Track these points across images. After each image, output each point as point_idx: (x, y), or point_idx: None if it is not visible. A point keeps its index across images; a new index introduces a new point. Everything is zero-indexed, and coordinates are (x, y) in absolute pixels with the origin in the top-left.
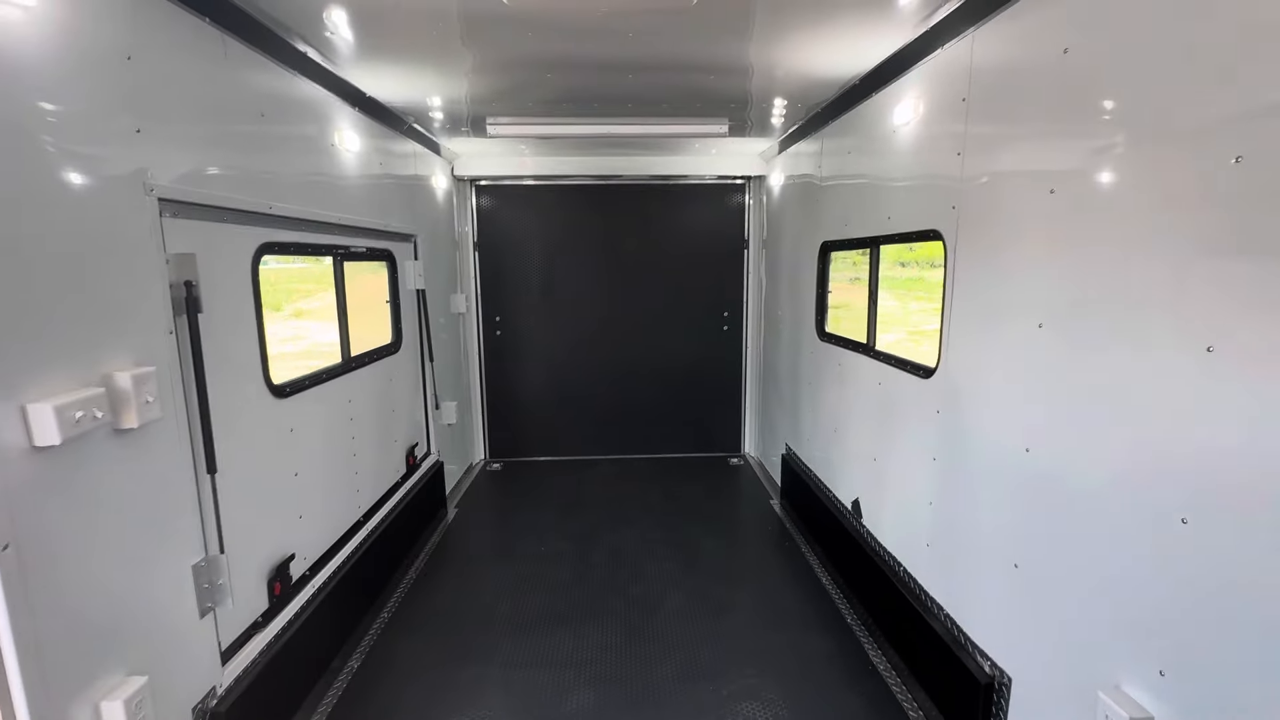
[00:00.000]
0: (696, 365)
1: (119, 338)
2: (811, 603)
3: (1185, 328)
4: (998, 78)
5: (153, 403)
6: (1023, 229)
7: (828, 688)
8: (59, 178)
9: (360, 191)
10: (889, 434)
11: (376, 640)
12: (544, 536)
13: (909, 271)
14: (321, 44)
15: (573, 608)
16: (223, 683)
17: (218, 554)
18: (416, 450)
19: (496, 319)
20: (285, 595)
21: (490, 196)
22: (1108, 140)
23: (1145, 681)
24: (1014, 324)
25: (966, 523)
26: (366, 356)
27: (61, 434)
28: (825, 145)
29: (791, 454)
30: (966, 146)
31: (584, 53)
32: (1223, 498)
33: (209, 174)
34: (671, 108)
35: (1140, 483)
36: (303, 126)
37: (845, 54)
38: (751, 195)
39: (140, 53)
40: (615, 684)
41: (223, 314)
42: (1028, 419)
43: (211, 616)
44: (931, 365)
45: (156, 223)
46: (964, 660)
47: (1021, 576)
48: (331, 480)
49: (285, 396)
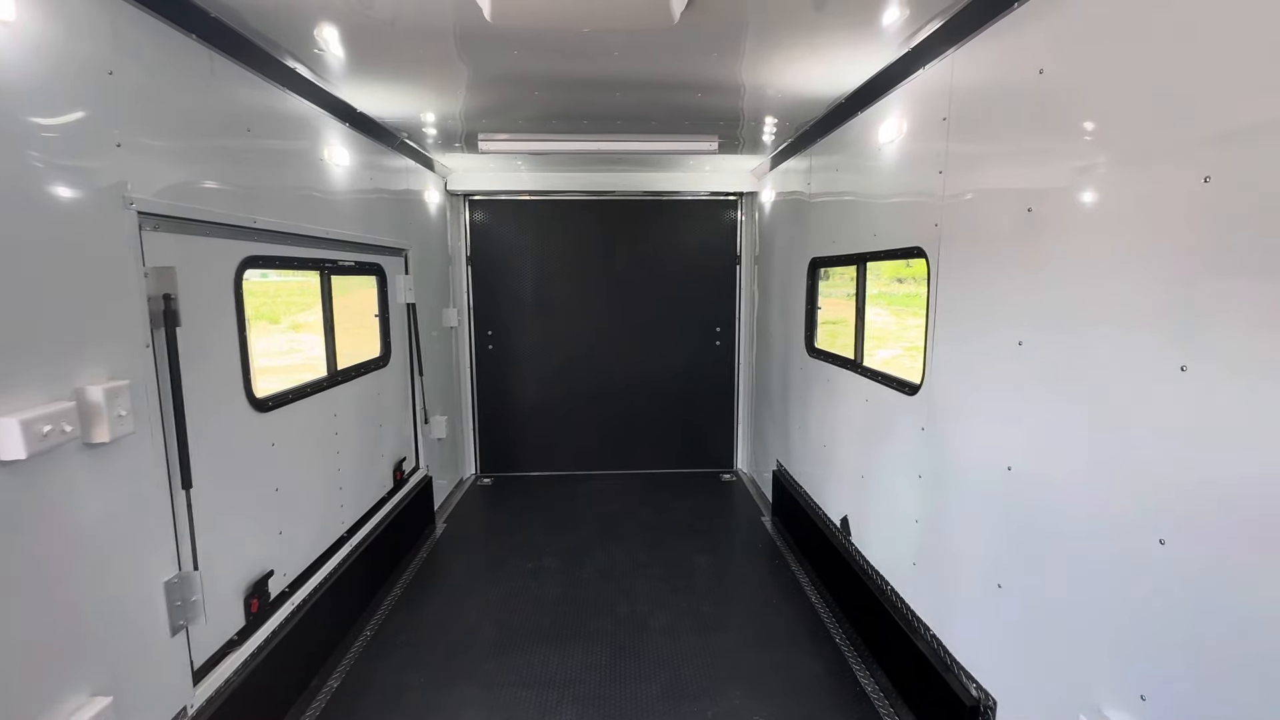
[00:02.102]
0: (689, 380)
1: (93, 351)
2: (800, 622)
3: (1160, 347)
4: (977, 98)
5: (125, 416)
6: (1002, 246)
7: (816, 710)
8: (33, 188)
9: (349, 206)
10: (876, 451)
11: (358, 659)
12: (533, 553)
13: (907, 288)
14: (311, 61)
15: (560, 626)
16: (194, 703)
17: (191, 570)
18: (404, 465)
19: (489, 333)
20: (263, 613)
21: (483, 211)
22: (1084, 159)
23: (1127, 705)
24: (995, 341)
25: (951, 542)
26: (354, 370)
27: (27, 448)
28: (814, 162)
29: (782, 470)
30: (948, 165)
31: (570, 70)
32: (1200, 518)
33: (192, 187)
34: (660, 125)
35: (1118, 502)
36: (291, 141)
37: (832, 73)
38: (743, 211)
39: (122, 67)
40: (600, 704)
41: (203, 327)
42: (1009, 437)
43: (184, 634)
44: (916, 382)
45: (135, 236)
46: (950, 682)
47: (1005, 597)
48: (314, 495)
49: (267, 410)
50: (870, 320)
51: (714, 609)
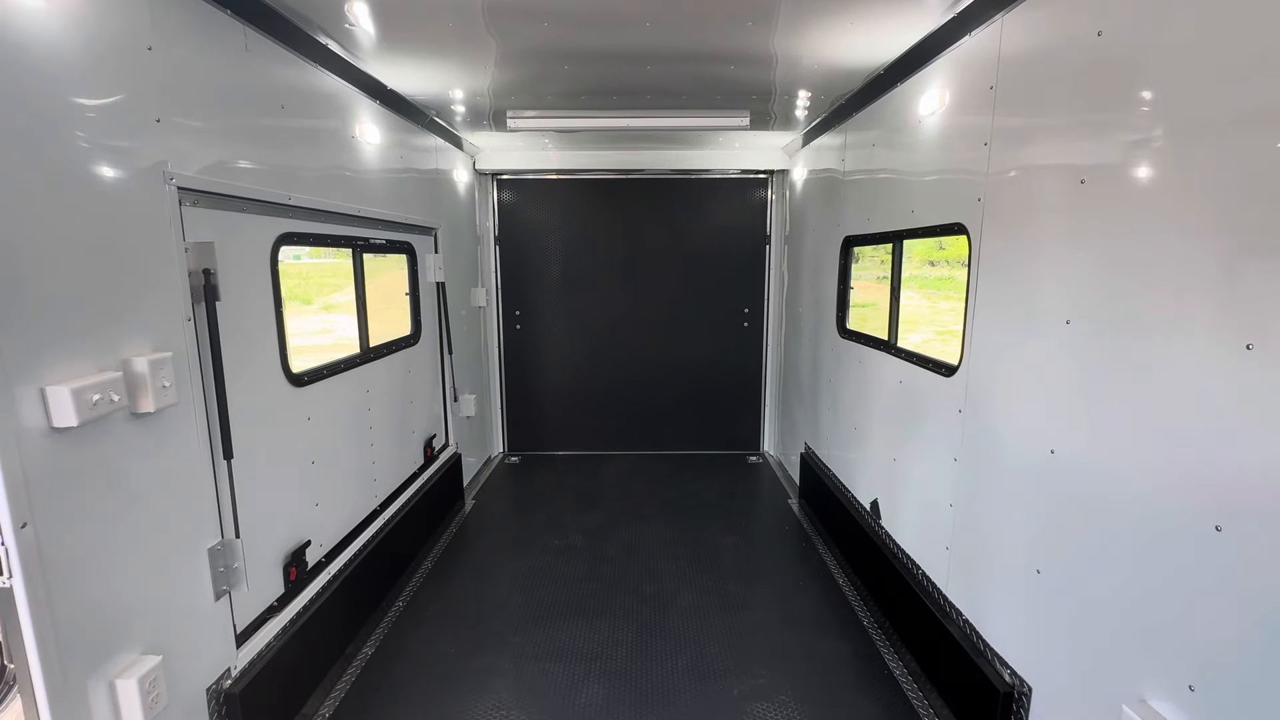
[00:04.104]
0: (716, 361)
1: (137, 324)
2: (828, 604)
3: (1224, 325)
4: (1027, 64)
5: (169, 388)
6: (1052, 222)
7: (842, 692)
8: (79, 166)
9: (381, 184)
10: (909, 434)
11: (390, 628)
12: (560, 530)
13: (939, 271)
14: (343, 36)
15: (586, 602)
16: (237, 664)
17: (233, 538)
18: (435, 442)
19: (516, 313)
20: (300, 581)
21: (511, 191)
22: (1144, 127)
23: (1173, 696)
24: (1040, 320)
25: (987, 526)
26: (385, 348)
27: (79, 416)
28: (849, 138)
29: (810, 453)
30: (994, 137)
31: (600, 43)
32: (1261, 504)
33: (228, 164)
34: (691, 100)
35: (1172, 487)
36: (324, 119)
37: (870, 42)
38: (774, 190)
39: (161, 43)
40: (626, 679)
41: (241, 302)
42: (1053, 419)
43: (227, 599)
44: (954, 363)
45: (176, 211)
46: (983, 668)
47: (1044, 583)
48: (348, 469)
49: (303, 385)
50: (903, 304)
51: (740, 589)
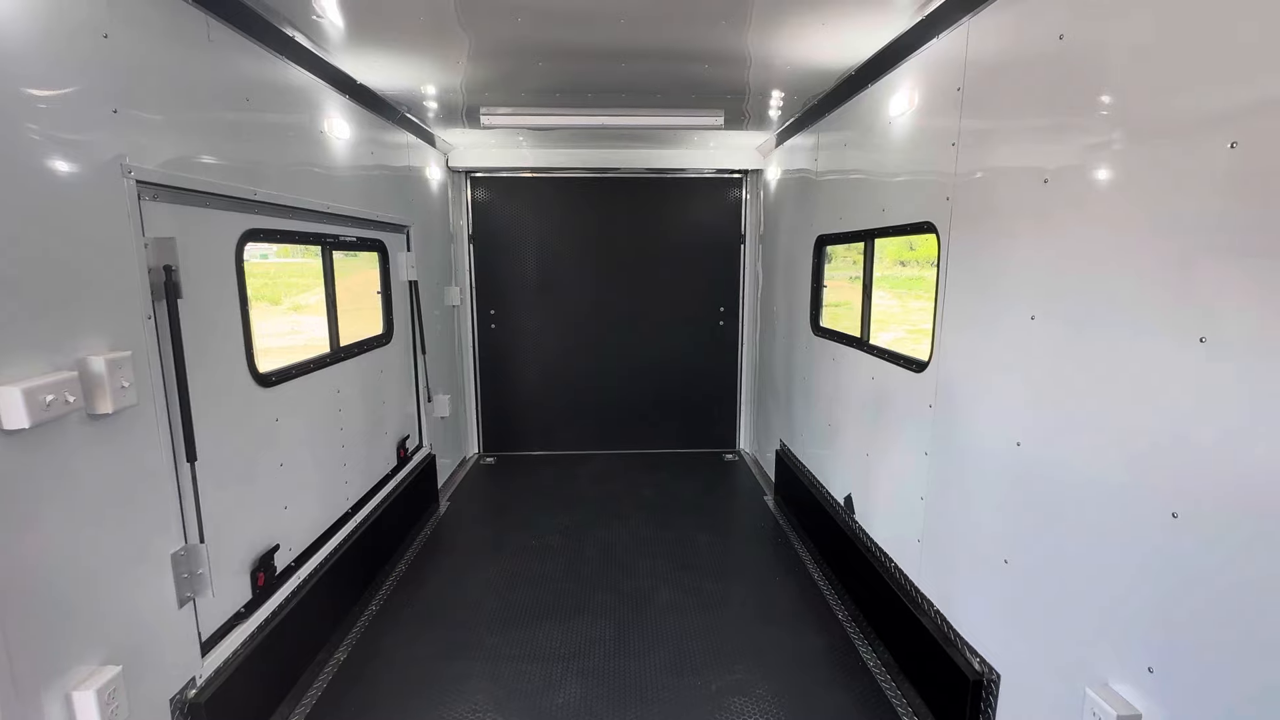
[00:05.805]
0: (692, 360)
1: (94, 321)
2: (803, 598)
3: (1179, 318)
4: (993, 67)
5: (128, 388)
6: (1016, 220)
7: (817, 684)
8: (32, 159)
9: (351, 181)
10: (881, 429)
11: (364, 632)
12: (536, 530)
13: (910, 271)
14: (310, 28)
15: (563, 601)
16: (202, 674)
17: (197, 543)
18: (408, 443)
19: (491, 312)
20: (269, 586)
21: (485, 189)
22: (1104, 128)
23: (1134, 678)
24: (1006, 316)
25: (957, 518)
26: (356, 347)
27: (30, 418)
28: (821, 139)
29: (786, 450)
30: (961, 138)
31: (575, 39)
32: (1215, 492)
33: (190, 158)
34: (666, 98)
35: (1131, 476)
36: (291, 113)
37: (841, 43)
38: (748, 189)
39: (118, 31)
40: (604, 677)
41: (205, 300)
42: (1019, 413)
43: (191, 606)
44: (924, 359)
45: (135, 206)
46: (953, 656)
47: (1011, 572)
48: (318, 471)
49: (271, 386)
50: (875, 303)
51: (716, 586)
